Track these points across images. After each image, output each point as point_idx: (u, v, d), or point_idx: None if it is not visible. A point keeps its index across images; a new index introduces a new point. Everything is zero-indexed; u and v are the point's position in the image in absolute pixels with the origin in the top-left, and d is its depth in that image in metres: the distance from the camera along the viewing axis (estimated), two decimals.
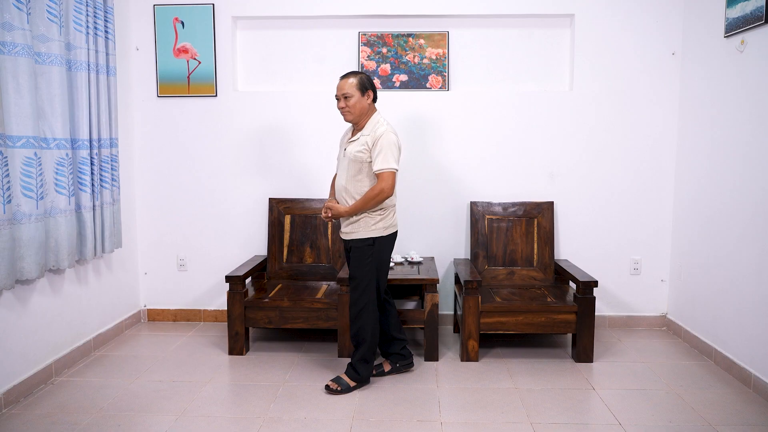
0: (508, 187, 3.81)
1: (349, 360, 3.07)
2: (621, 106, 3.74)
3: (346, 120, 2.86)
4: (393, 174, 2.72)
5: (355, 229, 2.82)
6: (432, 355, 3.24)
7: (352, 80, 2.78)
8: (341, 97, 2.79)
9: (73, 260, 3.05)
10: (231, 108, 3.84)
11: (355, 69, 3.82)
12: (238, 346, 3.33)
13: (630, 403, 2.73)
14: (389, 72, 3.81)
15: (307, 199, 3.81)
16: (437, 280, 3.23)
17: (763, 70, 2.83)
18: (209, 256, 3.93)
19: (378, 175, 2.73)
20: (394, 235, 2.89)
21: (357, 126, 2.86)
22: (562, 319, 3.18)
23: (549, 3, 3.69)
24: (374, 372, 2.98)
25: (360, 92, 2.77)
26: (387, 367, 3.04)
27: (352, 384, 2.83)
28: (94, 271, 3.42)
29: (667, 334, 3.72)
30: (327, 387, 2.83)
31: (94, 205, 3.26)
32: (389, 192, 2.73)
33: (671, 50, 3.67)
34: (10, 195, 2.61)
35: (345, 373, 2.87)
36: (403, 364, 3.04)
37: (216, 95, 3.82)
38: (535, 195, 3.79)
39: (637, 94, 3.71)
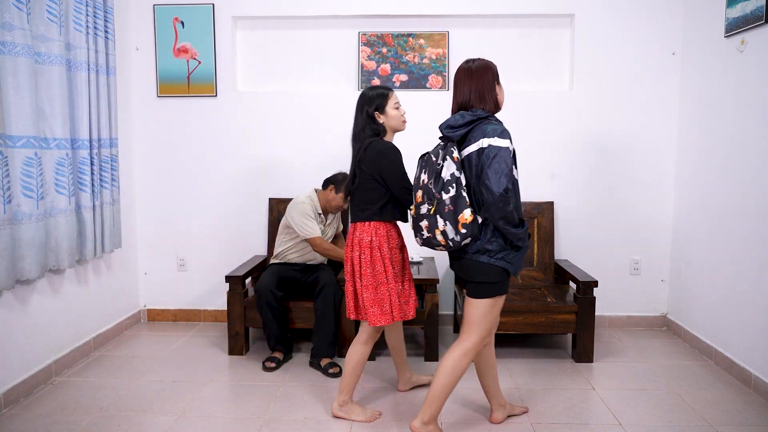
0: None
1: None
2: (621, 105, 3.74)
3: (333, 212, 3.41)
4: None
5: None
6: (432, 355, 3.24)
7: None
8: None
9: (73, 260, 3.05)
10: (231, 108, 3.84)
11: (355, 70, 3.82)
12: (238, 346, 3.33)
13: (630, 403, 2.73)
14: (389, 72, 3.81)
15: None
16: (437, 280, 3.23)
17: (763, 70, 2.83)
18: (209, 256, 3.93)
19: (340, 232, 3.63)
20: None
21: (329, 212, 3.44)
22: (562, 319, 3.17)
23: (549, 3, 3.69)
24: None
25: None
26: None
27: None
28: (94, 271, 3.42)
29: (667, 334, 3.72)
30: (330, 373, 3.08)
31: (94, 205, 3.26)
32: None
33: (671, 50, 3.67)
34: (10, 195, 2.61)
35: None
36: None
37: (216, 95, 3.82)
38: (535, 195, 3.79)
39: (637, 94, 3.71)
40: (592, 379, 2.99)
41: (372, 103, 2.45)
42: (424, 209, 2.13)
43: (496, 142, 2.06)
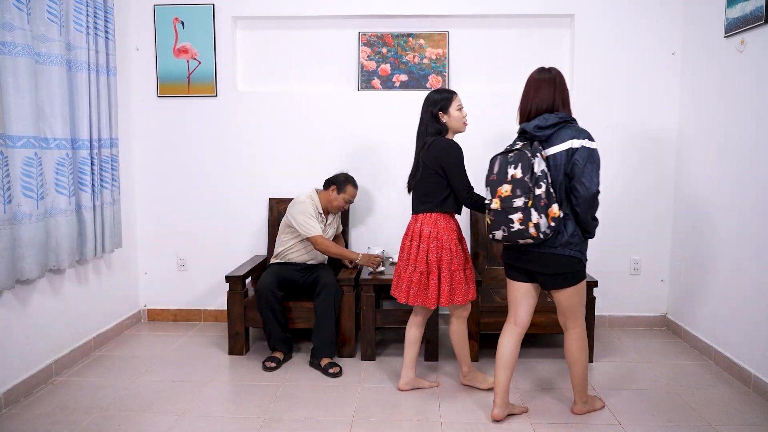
0: None
1: (349, 358, 3.23)
2: (621, 105, 3.73)
3: (334, 213, 3.44)
4: None
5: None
6: (432, 355, 3.24)
7: None
8: (350, 203, 3.43)
9: (73, 260, 3.05)
10: (231, 108, 3.84)
11: (355, 70, 3.83)
12: (238, 346, 3.33)
13: (630, 403, 2.73)
14: (389, 72, 3.81)
15: None
16: None
17: (763, 70, 2.83)
18: (209, 256, 3.93)
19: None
20: None
21: (329, 213, 3.45)
22: None
23: (549, 3, 3.69)
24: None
25: None
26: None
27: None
28: (94, 271, 3.43)
29: (667, 333, 3.72)
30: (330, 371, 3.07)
31: (94, 205, 3.26)
32: None
33: (671, 50, 3.67)
34: (10, 195, 2.61)
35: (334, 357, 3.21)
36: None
37: (216, 95, 3.82)
38: None
39: (637, 94, 3.71)
40: (592, 379, 2.99)
41: (437, 104, 2.64)
42: (519, 202, 2.25)
43: (588, 143, 2.30)
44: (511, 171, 2.29)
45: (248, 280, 3.56)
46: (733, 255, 3.06)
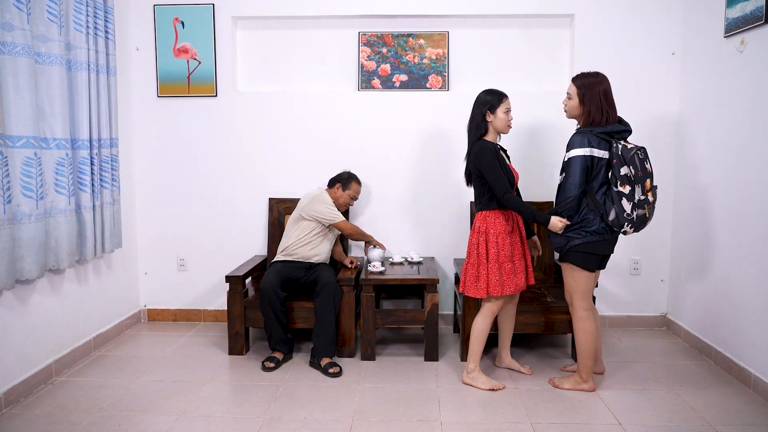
0: None
1: (349, 358, 3.22)
2: (620, 106, 3.69)
3: (340, 210, 3.48)
4: None
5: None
6: (432, 355, 3.24)
7: None
8: (355, 199, 3.57)
9: (73, 260, 3.05)
10: (231, 108, 3.84)
11: (355, 70, 3.83)
12: (238, 346, 3.33)
13: (630, 403, 2.73)
14: (389, 72, 3.81)
15: None
16: (437, 280, 3.23)
17: (762, 70, 2.83)
18: (209, 256, 3.93)
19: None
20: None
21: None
22: (562, 319, 3.17)
23: (549, 3, 3.69)
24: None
25: None
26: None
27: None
28: (94, 270, 3.43)
29: (667, 334, 3.72)
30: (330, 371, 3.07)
31: (94, 205, 3.26)
32: None
33: (671, 50, 3.67)
34: (10, 195, 2.61)
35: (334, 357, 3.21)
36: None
37: (216, 95, 3.82)
38: (535, 195, 3.79)
39: (637, 94, 3.71)
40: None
41: (486, 104, 2.79)
42: (658, 191, 2.65)
43: None
44: (647, 166, 2.58)
45: (248, 280, 3.57)
46: (733, 255, 3.06)
